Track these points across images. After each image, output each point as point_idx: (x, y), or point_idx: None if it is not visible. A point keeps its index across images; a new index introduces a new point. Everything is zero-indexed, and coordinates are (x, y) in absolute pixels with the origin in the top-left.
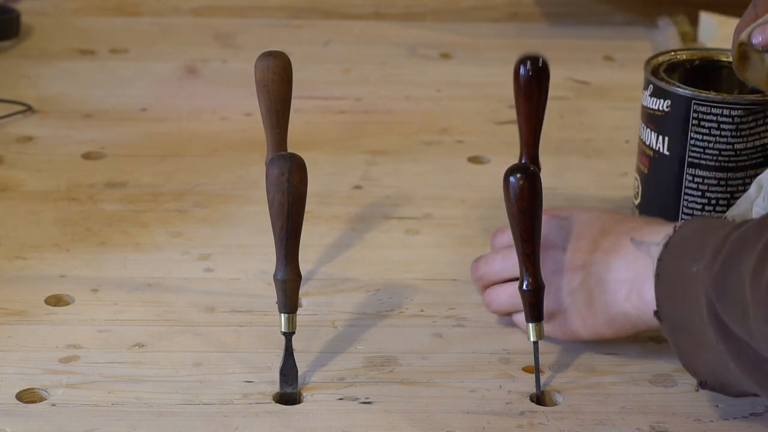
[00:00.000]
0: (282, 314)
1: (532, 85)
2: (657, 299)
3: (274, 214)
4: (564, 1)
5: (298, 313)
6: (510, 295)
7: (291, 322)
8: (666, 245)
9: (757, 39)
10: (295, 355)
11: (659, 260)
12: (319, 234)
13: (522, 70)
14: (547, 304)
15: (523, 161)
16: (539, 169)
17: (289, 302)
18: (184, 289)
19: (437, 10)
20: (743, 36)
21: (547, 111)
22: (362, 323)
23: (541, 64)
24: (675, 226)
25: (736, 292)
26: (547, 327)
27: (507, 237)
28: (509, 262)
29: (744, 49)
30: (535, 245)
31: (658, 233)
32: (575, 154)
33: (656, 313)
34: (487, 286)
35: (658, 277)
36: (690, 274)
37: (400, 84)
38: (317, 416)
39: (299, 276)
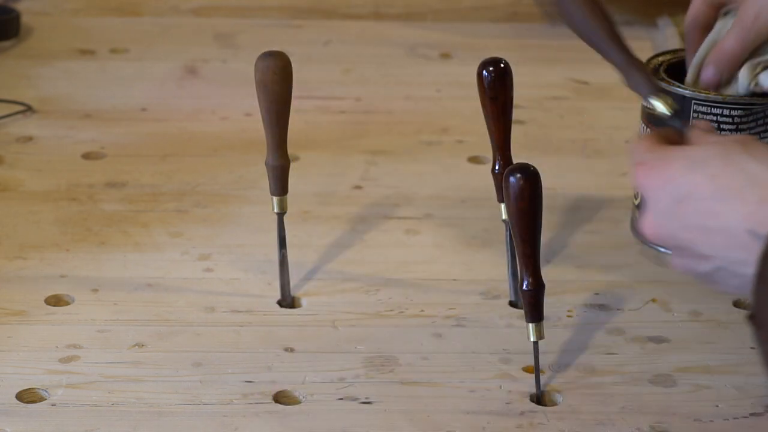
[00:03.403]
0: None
1: (496, 85)
2: (757, 303)
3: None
4: None
5: (297, 313)
6: None
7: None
8: None
9: (707, 76)
10: (295, 355)
11: (763, 257)
12: (319, 234)
13: (485, 73)
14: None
15: (497, 165)
16: None
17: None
18: (183, 289)
19: (437, 10)
20: (689, 80)
21: (547, 111)
22: (362, 323)
23: (503, 65)
24: None
25: None
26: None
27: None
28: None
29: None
30: (536, 245)
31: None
32: (575, 154)
33: (752, 317)
34: None
35: (761, 277)
36: None
37: (400, 84)
38: (317, 416)
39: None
